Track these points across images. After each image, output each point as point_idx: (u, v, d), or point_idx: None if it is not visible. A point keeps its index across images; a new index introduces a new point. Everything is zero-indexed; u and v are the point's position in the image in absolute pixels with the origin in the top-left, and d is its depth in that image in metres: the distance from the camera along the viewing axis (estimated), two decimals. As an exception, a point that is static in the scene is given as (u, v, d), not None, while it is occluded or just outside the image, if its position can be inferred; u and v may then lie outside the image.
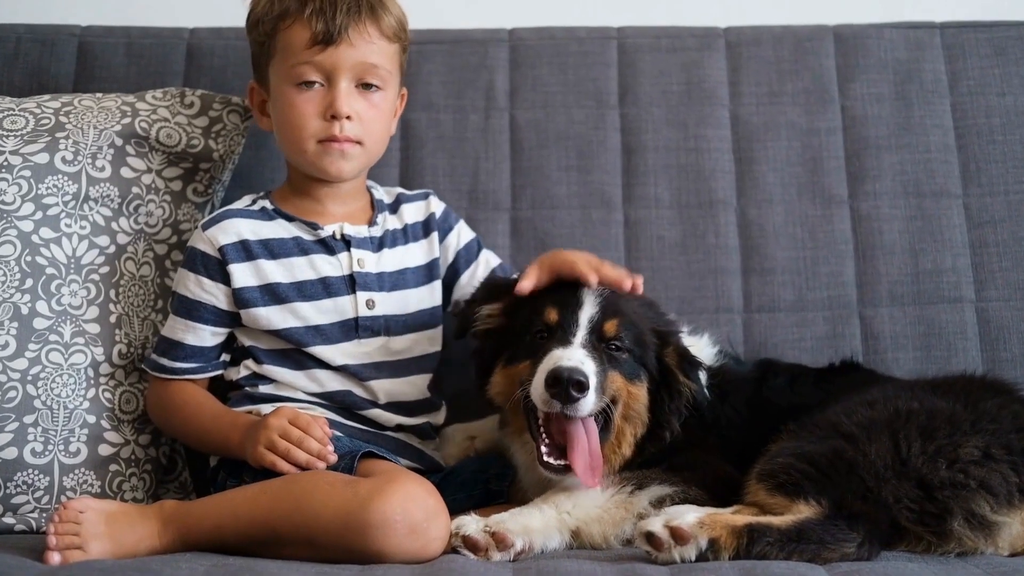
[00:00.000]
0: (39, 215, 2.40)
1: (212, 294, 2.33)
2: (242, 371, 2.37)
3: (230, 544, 1.98)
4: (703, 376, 2.24)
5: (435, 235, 2.51)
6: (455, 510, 2.04)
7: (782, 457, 2.00)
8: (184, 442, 2.45)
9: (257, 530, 1.97)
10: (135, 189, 2.49)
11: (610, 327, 2.16)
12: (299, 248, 2.37)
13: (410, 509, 1.91)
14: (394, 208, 2.51)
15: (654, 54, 2.88)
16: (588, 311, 2.17)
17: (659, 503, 2.05)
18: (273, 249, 2.35)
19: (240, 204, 2.43)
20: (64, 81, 2.82)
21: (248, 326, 2.34)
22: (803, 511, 1.90)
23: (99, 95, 2.61)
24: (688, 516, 1.87)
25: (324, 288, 2.35)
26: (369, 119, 2.36)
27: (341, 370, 2.35)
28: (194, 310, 2.33)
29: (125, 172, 2.49)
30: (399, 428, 2.39)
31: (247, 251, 2.34)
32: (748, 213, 2.78)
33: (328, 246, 2.38)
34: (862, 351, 2.67)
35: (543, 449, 2.10)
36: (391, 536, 1.90)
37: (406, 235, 2.49)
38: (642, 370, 2.18)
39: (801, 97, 2.85)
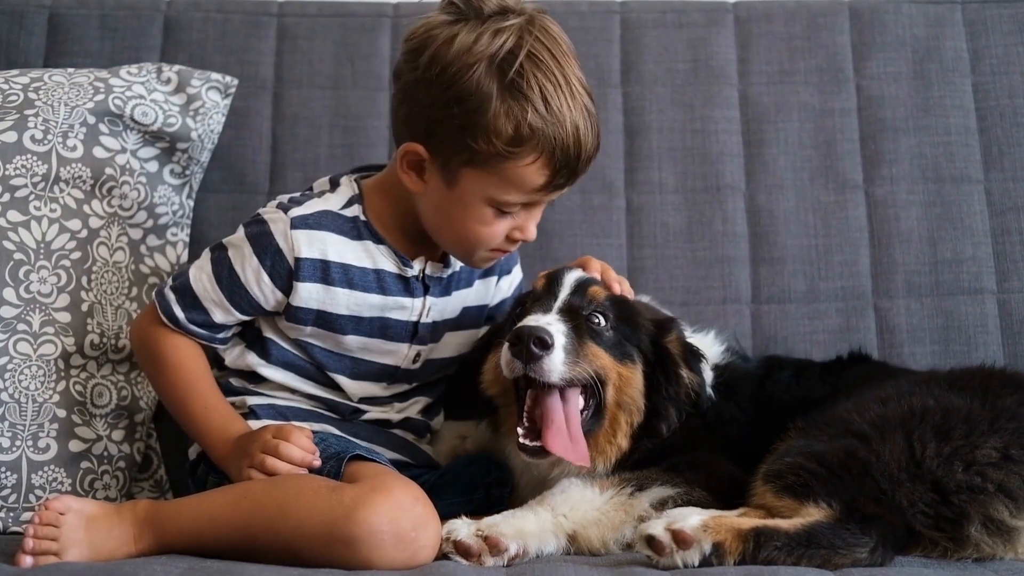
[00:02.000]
0: (6, 197, 2.38)
1: (264, 294, 2.21)
2: (238, 361, 2.29)
3: (209, 549, 1.97)
4: (707, 370, 2.24)
5: (494, 279, 2.43)
6: (453, 515, 2.03)
7: (790, 456, 1.99)
8: (159, 397, 2.37)
9: (236, 536, 1.95)
10: (108, 170, 2.47)
11: (594, 294, 2.20)
12: (379, 285, 2.25)
13: (398, 519, 1.90)
14: None
15: (659, 30, 2.87)
16: (573, 280, 2.22)
17: (661, 505, 2.04)
18: (352, 279, 2.23)
19: (336, 203, 2.25)
20: (34, 55, 2.81)
21: (279, 326, 2.27)
22: (813, 514, 1.89)
23: (71, 70, 2.59)
24: (691, 519, 1.86)
25: (381, 330, 2.27)
26: (540, 220, 2.25)
27: (357, 401, 2.33)
28: (237, 294, 2.21)
29: (98, 152, 2.47)
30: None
31: (324, 273, 2.22)
32: (757, 199, 2.77)
33: (410, 287, 2.28)
34: (877, 344, 2.67)
35: (519, 431, 2.12)
36: (378, 548, 1.88)
37: (471, 275, 2.38)
38: (635, 352, 2.19)
39: (814, 76, 2.84)
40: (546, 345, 2.04)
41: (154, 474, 2.50)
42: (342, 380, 2.30)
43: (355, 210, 2.26)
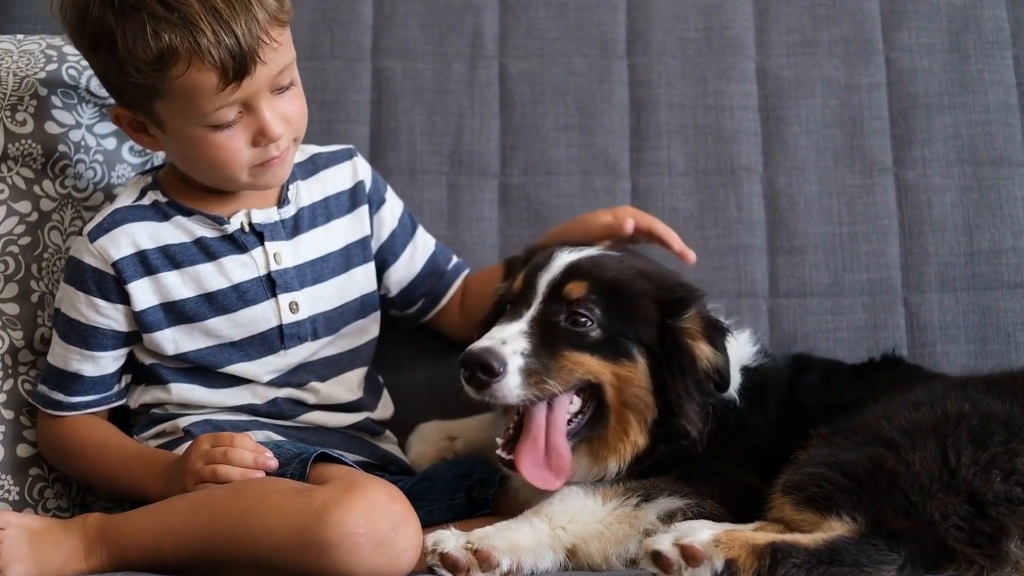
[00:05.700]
0: (-51, 176, 2.38)
1: (110, 317, 2.26)
2: (144, 397, 2.34)
3: (169, 563, 1.97)
4: (733, 347, 2.24)
5: (365, 208, 2.45)
6: (434, 521, 2.05)
7: (812, 466, 1.99)
8: (85, 484, 2.40)
9: (196, 548, 1.95)
10: (62, 147, 2.47)
11: (572, 291, 2.16)
12: (205, 252, 2.30)
13: (374, 520, 1.90)
14: (310, 172, 2.41)
15: (669, -5, 2.87)
16: (550, 275, 2.19)
17: (669, 518, 2.04)
18: (175, 257, 2.28)
19: (128, 199, 2.33)
20: (-22, 21, 2.81)
21: (150, 348, 2.31)
22: (835, 528, 1.89)
23: (20, 37, 2.58)
24: (702, 533, 1.86)
25: (239, 297, 2.30)
26: (295, 113, 2.24)
27: (267, 384, 2.34)
28: (91, 337, 2.27)
29: (50, 127, 2.47)
30: (341, 425, 2.40)
31: (146, 264, 2.27)
32: (776, 182, 2.77)
33: (237, 243, 2.32)
34: (907, 343, 2.67)
35: (498, 441, 2.14)
36: (354, 553, 1.89)
37: (328, 210, 2.42)
38: (634, 346, 2.17)
39: (839, 47, 2.83)
40: (493, 372, 2.04)
41: (111, 482, 2.50)
42: (240, 368, 2.32)
43: (151, 196, 2.33)
